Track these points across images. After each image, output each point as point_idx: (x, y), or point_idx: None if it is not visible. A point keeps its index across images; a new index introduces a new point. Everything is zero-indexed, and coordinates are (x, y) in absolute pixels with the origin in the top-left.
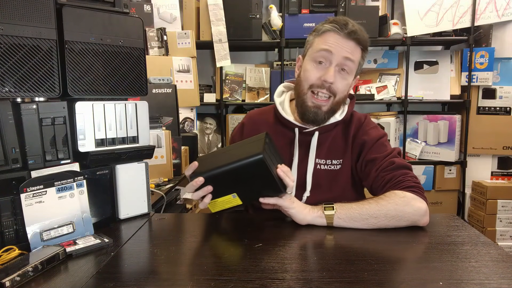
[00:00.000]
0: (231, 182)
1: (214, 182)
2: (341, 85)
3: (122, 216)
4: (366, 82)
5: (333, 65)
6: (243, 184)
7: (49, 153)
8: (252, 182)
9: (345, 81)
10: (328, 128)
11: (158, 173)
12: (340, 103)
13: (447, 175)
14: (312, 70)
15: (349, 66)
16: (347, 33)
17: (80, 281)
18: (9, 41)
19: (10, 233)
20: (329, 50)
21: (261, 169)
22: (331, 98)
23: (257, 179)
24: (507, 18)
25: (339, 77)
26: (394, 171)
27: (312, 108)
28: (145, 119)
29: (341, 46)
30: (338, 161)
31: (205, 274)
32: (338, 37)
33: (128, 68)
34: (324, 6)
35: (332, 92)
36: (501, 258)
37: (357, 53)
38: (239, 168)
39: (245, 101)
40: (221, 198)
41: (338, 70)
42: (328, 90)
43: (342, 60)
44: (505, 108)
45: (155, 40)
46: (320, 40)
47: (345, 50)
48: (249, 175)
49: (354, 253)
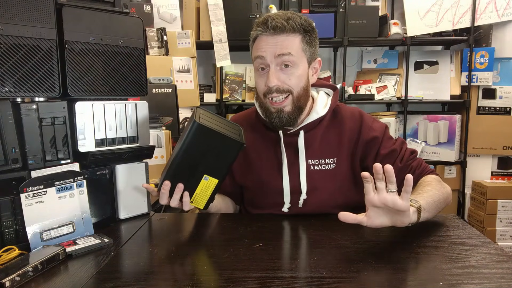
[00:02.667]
0: (192, 167)
1: (179, 177)
2: (291, 80)
3: (122, 216)
4: (366, 82)
5: (271, 67)
6: (205, 161)
7: (49, 153)
8: (210, 153)
9: (293, 75)
10: (313, 124)
11: (158, 173)
12: (302, 97)
13: (447, 175)
14: (258, 80)
15: (289, 59)
16: (270, 30)
17: (80, 281)
18: (9, 41)
19: (10, 233)
20: (261, 56)
21: (207, 134)
22: (289, 96)
23: (212, 148)
24: (507, 18)
25: (284, 74)
26: (415, 159)
27: (275, 113)
28: (145, 119)
29: (270, 46)
30: (332, 159)
31: (205, 274)
32: (265, 38)
33: (128, 68)
34: (324, 6)
35: (285, 91)
36: (501, 258)
37: (293, 42)
38: (188, 147)
39: (245, 101)
40: (198, 188)
41: (280, 68)
42: (279, 91)
43: (277, 59)
44: (505, 108)
45: (155, 40)
46: (254, 48)
47: (275, 48)
48: (202, 149)
49: (354, 253)
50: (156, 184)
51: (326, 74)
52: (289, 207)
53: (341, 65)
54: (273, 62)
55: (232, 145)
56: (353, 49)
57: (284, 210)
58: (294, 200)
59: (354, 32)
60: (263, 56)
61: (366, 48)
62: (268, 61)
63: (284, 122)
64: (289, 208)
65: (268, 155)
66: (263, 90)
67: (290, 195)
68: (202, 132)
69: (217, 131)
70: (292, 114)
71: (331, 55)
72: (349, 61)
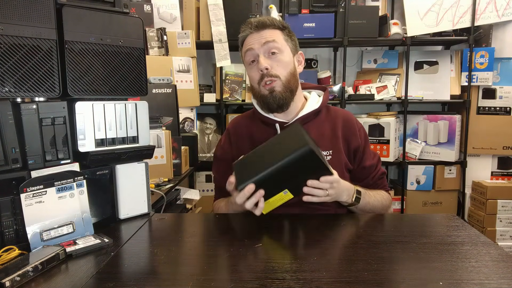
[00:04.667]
0: (281, 180)
1: (264, 185)
2: (279, 66)
3: (122, 216)
4: (366, 82)
5: (260, 55)
6: (294, 178)
7: (49, 153)
8: (302, 174)
9: (280, 61)
10: (308, 117)
11: (158, 173)
12: (291, 81)
13: (447, 175)
14: (251, 71)
15: (274, 46)
16: (255, 27)
17: (80, 281)
18: (9, 41)
19: (10, 233)
20: (251, 48)
21: (311, 160)
22: (278, 79)
23: (307, 170)
24: (507, 18)
25: (271, 60)
26: (382, 179)
27: (268, 94)
28: (145, 119)
29: (257, 39)
30: (328, 152)
31: (205, 274)
32: (252, 35)
33: (128, 68)
34: (324, 6)
35: (274, 76)
36: (501, 258)
37: (275, 34)
38: (289, 164)
39: (245, 101)
40: (273, 197)
41: (268, 56)
42: (269, 75)
43: (264, 47)
44: (505, 108)
45: (155, 40)
46: (244, 46)
47: (261, 39)
48: (299, 168)
49: (354, 253)
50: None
51: (326, 74)
52: None
53: (341, 65)
54: (260, 51)
55: (323, 174)
56: (353, 49)
57: None
58: None
59: (354, 32)
60: (252, 48)
61: (366, 48)
62: (256, 50)
63: (278, 101)
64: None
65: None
66: (256, 78)
67: None
68: (310, 156)
69: (321, 160)
70: (284, 93)
71: (331, 55)
72: (349, 61)
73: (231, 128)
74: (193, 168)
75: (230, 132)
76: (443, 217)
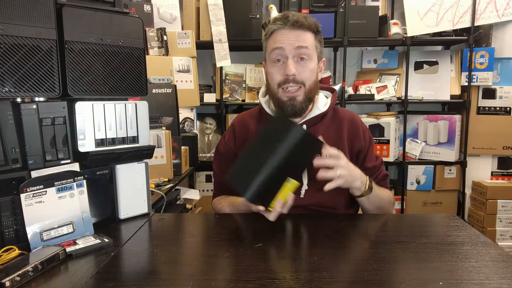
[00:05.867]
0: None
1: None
2: (305, 72)
3: (122, 216)
4: (366, 82)
5: (289, 58)
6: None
7: (49, 153)
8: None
9: (307, 68)
10: (315, 120)
11: (158, 173)
12: (313, 90)
13: (447, 175)
14: (274, 70)
15: (305, 53)
16: (290, 24)
17: (80, 281)
18: (9, 41)
19: (10, 233)
20: (280, 47)
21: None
22: (302, 87)
23: (305, 152)
24: (507, 18)
25: (300, 66)
26: (384, 181)
27: (288, 101)
28: (145, 119)
29: (289, 39)
30: None
31: (205, 274)
32: (284, 32)
33: (128, 68)
34: (324, 6)
35: (300, 82)
36: (501, 258)
37: (308, 39)
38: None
39: (245, 101)
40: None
41: (297, 60)
42: (295, 82)
43: (295, 51)
44: (505, 108)
45: (155, 40)
46: (271, 41)
47: (294, 41)
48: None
49: (354, 253)
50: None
51: (326, 74)
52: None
53: (341, 65)
54: (291, 54)
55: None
56: (353, 49)
57: None
58: (296, 192)
59: (354, 32)
60: (282, 47)
61: (366, 48)
62: (287, 52)
63: (297, 110)
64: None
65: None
66: (278, 80)
67: None
68: (304, 138)
69: (316, 137)
70: (304, 103)
71: (331, 55)
72: (349, 61)
73: (236, 124)
74: (193, 168)
75: (236, 128)
76: (443, 217)
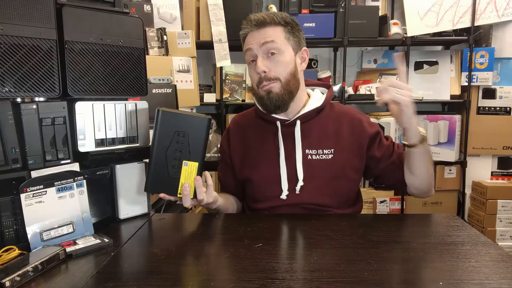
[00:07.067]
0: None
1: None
2: (278, 67)
3: (122, 216)
4: (366, 82)
5: (259, 56)
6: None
7: (49, 153)
8: (182, 138)
9: (278, 62)
10: (309, 115)
11: None
12: (291, 82)
13: (447, 175)
14: (251, 72)
15: (273, 47)
16: (254, 25)
17: (80, 281)
18: (9, 41)
19: (10, 233)
20: (249, 48)
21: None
22: (277, 81)
23: (182, 131)
24: (507, 18)
25: (270, 62)
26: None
27: (265, 96)
28: (145, 119)
29: (256, 38)
30: (330, 150)
31: (205, 274)
32: (252, 33)
33: (128, 68)
34: (324, 6)
35: (273, 78)
36: (501, 258)
37: (276, 33)
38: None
39: (245, 101)
40: (181, 177)
41: (267, 56)
42: (267, 79)
43: (262, 48)
44: (505, 108)
45: (155, 40)
46: (244, 45)
47: (260, 38)
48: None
49: (354, 253)
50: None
51: (326, 74)
52: (287, 194)
53: (341, 65)
54: (259, 51)
55: (199, 122)
56: (353, 49)
57: (282, 197)
58: (291, 188)
59: (354, 32)
60: (251, 48)
61: (366, 48)
62: (255, 51)
63: (274, 102)
64: (287, 195)
65: (267, 147)
66: (256, 80)
67: (287, 183)
68: (168, 116)
69: (181, 113)
70: (282, 96)
71: (331, 55)
72: (349, 61)
73: (231, 126)
74: None
75: (230, 132)
76: (443, 217)
